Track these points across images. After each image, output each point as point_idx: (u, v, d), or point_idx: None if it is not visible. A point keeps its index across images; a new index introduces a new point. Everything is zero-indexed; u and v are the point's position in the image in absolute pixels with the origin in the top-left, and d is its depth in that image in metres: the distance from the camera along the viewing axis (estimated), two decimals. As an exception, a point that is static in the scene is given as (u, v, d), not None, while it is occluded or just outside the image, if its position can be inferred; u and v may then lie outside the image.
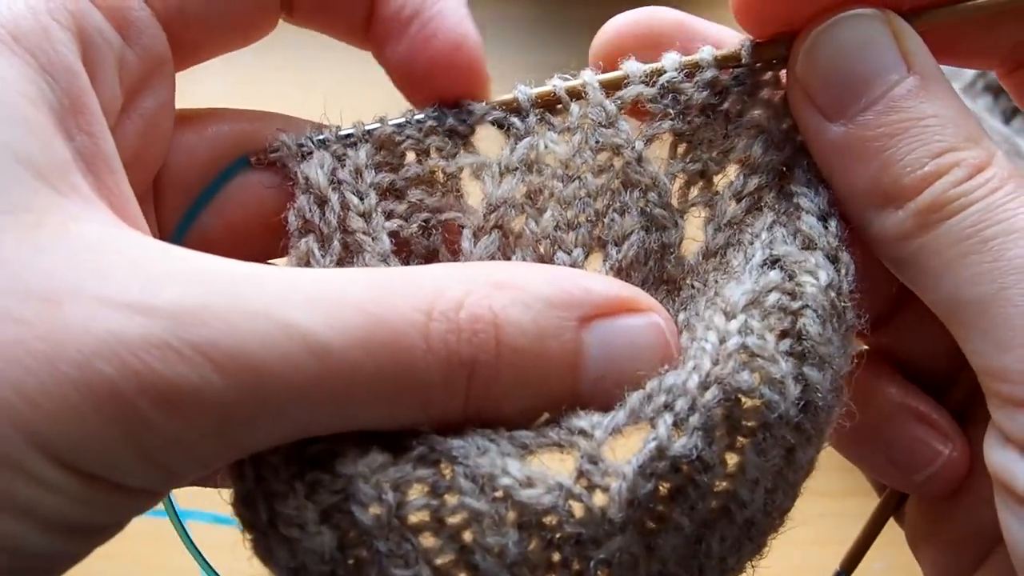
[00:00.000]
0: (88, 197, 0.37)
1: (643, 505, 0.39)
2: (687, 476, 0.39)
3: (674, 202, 0.48)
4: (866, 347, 0.55)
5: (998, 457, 0.42)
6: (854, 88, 0.43)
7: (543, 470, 0.39)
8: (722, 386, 0.39)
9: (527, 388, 0.39)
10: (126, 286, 0.34)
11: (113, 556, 0.51)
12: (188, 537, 0.51)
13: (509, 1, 1.25)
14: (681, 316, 0.46)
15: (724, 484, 0.40)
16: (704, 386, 0.39)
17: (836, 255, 0.44)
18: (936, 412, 0.51)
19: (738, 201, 0.47)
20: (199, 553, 0.51)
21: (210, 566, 0.51)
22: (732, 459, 0.40)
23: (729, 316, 0.41)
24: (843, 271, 0.44)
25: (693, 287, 0.47)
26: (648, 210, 0.48)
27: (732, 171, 0.48)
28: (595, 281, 0.41)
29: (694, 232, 0.49)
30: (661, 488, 0.39)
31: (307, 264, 0.46)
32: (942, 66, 0.45)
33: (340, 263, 0.46)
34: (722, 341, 0.41)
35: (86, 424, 0.33)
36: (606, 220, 0.48)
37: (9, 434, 0.32)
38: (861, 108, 0.43)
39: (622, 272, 0.48)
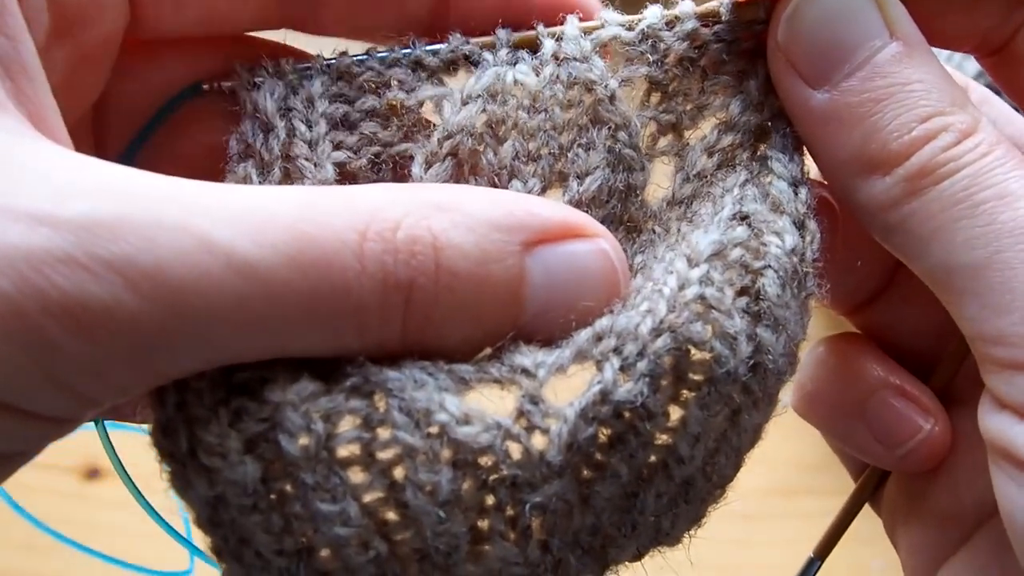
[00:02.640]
0: (0, 103, 0.36)
1: (582, 450, 0.38)
2: (629, 423, 0.38)
3: (642, 146, 0.48)
4: (855, 329, 0.56)
5: (994, 423, 0.41)
6: (838, 54, 0.43)
7: (481, 408, 0.37)
8: (674, 335, 0.38)
9: (468, 314, 0.38)
10: (32, 197, 0.32)
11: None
12: (137, 490, 0.49)
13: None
14: (638, 258, 0.45)
15: (665, 437, 0.39)
16: (656, 332, 0.38)
17: (803, 222, 0.44)
18: (918, 389, 0.51)
19: (710, 155, 0.47)
20: (150, 505, 0.49)
21: (161, 517, 0.50)
22: (675, 412, 0.39)
23: (692, 263, 0.41)
24: (808, 238, 0.43)
25: (654, 231, 0.47)
26: (616, 149, 0.47)
27: (705, 126, 0.48)
28: (541, 205, 0.40)
29: (659, 179, 0.48)
30: (601, 434, 0.38)
31: None
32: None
33: None
34: (681, 287, 0.40)
35: None
36: (570, 155, 0.47)
37: None
38: (845, 74, 0.43)
39: (581, 206, 0.47)
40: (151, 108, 0.47)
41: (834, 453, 0.56)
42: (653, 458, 0.39)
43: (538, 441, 0.38)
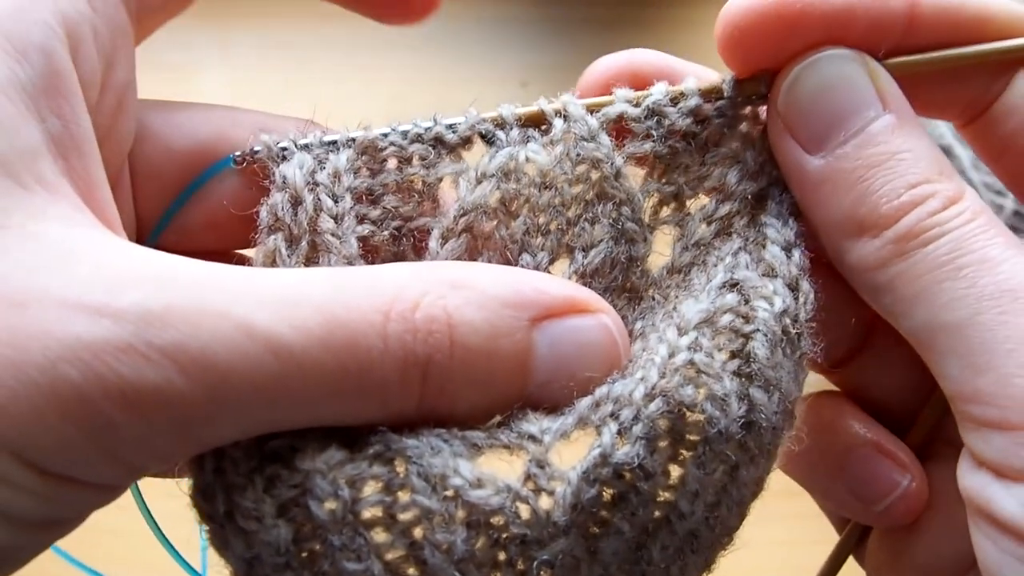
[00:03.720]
0: (54, 186, 0.39)
1: (586, 509, 0.41)
2: (629, 483, 0.41)
3: (645, 219, 0.51)
4: (834, 387, 0.58)
5: (971, 481, 0.43)
6: (834, 122, 0.46)
7: (492, 472, 0.41)
8: (666, 398, 0.42)
9: (479, 386, 0.41)
10: (90, 289, 0.36)
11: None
12: (155, 523, 0.52)
13: (509, 1, 1.27)
14: (638, 324, 0.49)
15: (666, 495, 0.43)
16: (649, 397, 0.42)
17: (796, 284, 0.46)
18: (895, 445, 0.54)
19: (708, 224, 0.50)
20: (165, 538, 0.52)
21: (175, 550, 0.53)
22: (675, 471, 0.43)
23: (682, 332, 0.44)
24: (801, 300, 0.46)
25: (653, 299, 0.50)
26: (620, 223, 0.50)
27: (705, 198, 0.51)
28: (547, 282, 0.44)
29: (661, 248, 0.51)
30: (604, 494, 0.41)
31: (272, 261, 0.48)
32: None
33: (306, 263, 0.48)
34: (671, 355, 0.43)
35: (51, 427, 0.34)
36: (576, 228, 0.50)
37: None
38: (840, 142, 0.45)
39: (586, 278, 0.50)
40: (180, 171, 0.50)
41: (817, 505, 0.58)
42: (656, 514, 0.43)
43: (545, 502, 0.41)
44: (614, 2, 1.27)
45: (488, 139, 0.50)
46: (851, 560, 0.58)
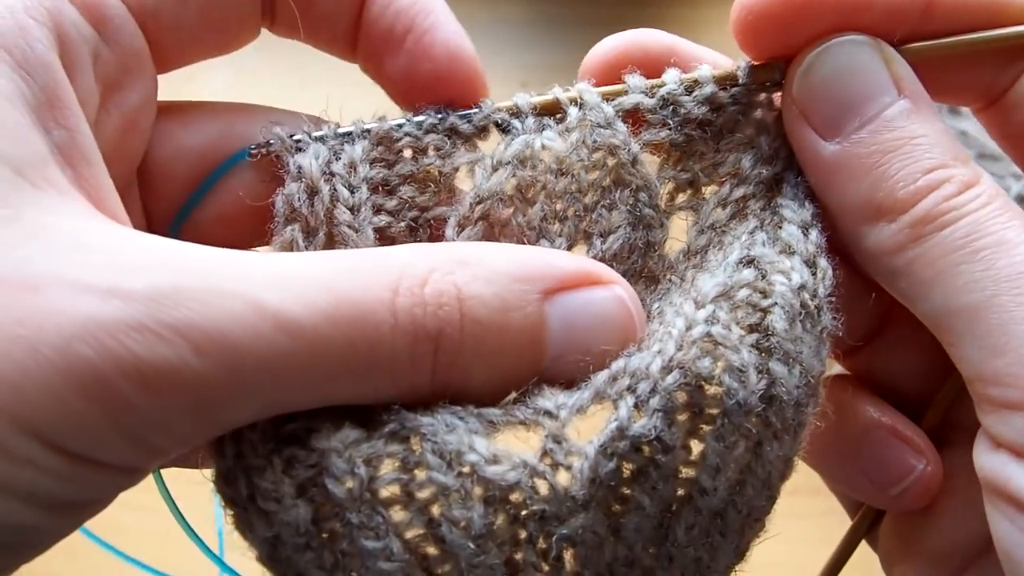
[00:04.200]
0: (64, 190, 0.39)
1: (605, 484, 0.41)
2: (648, 457, 0.42)
3: (662, 204, 0.51)
4: (846, 371, 0.58)
5: (989, 462, 0.44)
6: (849, 108, 0.46)
7: (508, 448, 0.41)
8: (683, 371, 0.42)
9: (492, 360, 0.41)
10: (102, 273, 0.36)
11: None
12: (178, 511, 0.53)
13: (509, 1, 1.27)
14: (655, 305, 0.49)
15: (687, 471, 0.43)
16: (666, 370, 0.42)
17: (814, 261, 0.47)
18: (910, 429, 0.54)
19: (724, 207, 0.50)
20: (188, 525, 0.53)
21: (198, 536, 0.53)
22: (695, 446, 0.43)
23: (699, 305, 0.44)
24: (819, 275, 0.46)
25: (671, 280, 0.50)
26: (637, 209, 0.50)
27: (720, 184, 0.51)
28: (558, 256, 0.44)
29: (677, 234, 0.52)
30: (624, 468, 0.41)
31: (290, 252, 0.48)
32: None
33: None
34: (688, 328, 0.43)
35: (69, 406, 0.35)
36: (594, 215, 0.50)
37: None
38: (856, 127, 0.46)
39: (604, 262, 0.50)
40: (189, 170, 0.51)
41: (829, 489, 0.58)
42: (678, 491, 0.43)
43: (563, 477, 0.41)
44: (614, 2, 1.28)
45: (503, 128, 0.50)
46: (863, 546, 0.58)
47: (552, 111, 0.50)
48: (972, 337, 0.43)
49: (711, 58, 0.51)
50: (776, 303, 0.44)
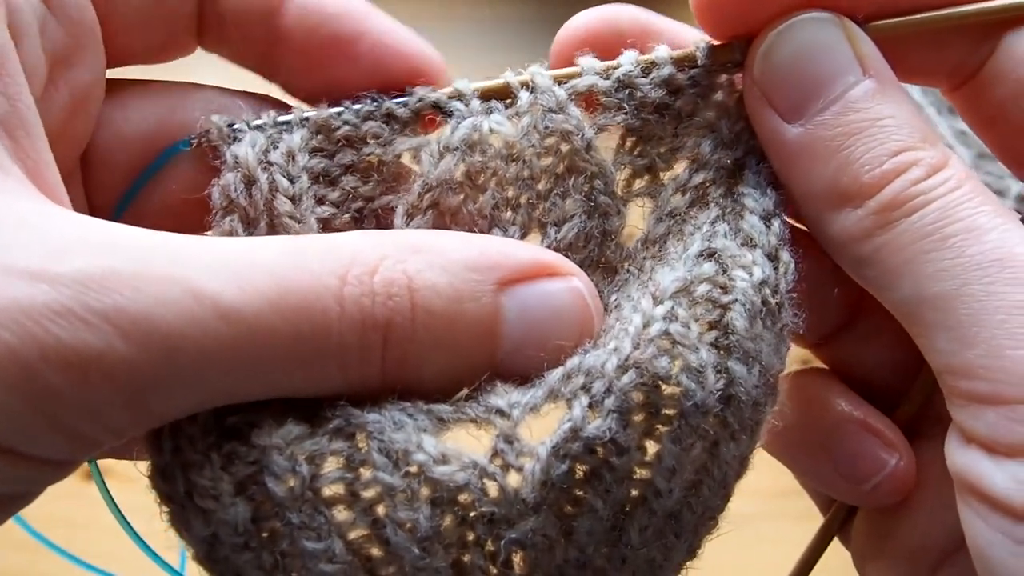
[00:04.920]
0: (1, 163, 0.38)
1: (557, 486, 0.40)
2: (602, 459, 0.40)
3: (618, 191, 0.50)
4: (819, 363, 0.57)
5: (960, 458, 0.43)
6: (812, 89, 0.45)
7: (458, 448, 0.40)
8: (639, 370, 0.41)
9: (444, 352, 0.40)
10: (29, 255, 0.35)
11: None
12: (115, 506, 0.51)
13: (509, 1, 1.26)
14: (612, 297, 0.48)
15: (642, 472, 0.42)
16: (622, 369, 0.41)
17: (776, 254, 0.45)
18: (883, 424, 0.53)
19: (683, 193, 0.49)
20: (126, 521, 0.52)
21: (136, 533, 0.52)
22: (651, 447, 0.42)
23: (657, 301, 0.43)
24: (781, 270, 0.45)
25: (628, 271, 0.49)
26: (592, 196, 0.49)
27: (678, 167, 0.50)
28: (515, 246, 0.43)
29: (635, 222, 0.50)
30: (576, 470, 0.40)
31: None
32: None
33: None
34: (646, 325, 0.42)
35: None
36: (547, 204, 0.49)
37: None
38: (819, 109, 0.44)
39: (559, 252, 0.48)
40: (129, 159, 0.49)
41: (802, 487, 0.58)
42: (632, 492, 0.42)
43: (514, 479, 0.40)
44: (615, 2, 1.27)
45: (445, 112, 0.48)
46: (835, 543, 0.57)
47: (502, 96, 0.48)
48: (942, 328, 0.42)
49: (680, 34, 0.50)
50: (737, 300, 0.43)
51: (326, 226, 0.48)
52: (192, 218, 0.48)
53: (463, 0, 1.14)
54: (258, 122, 0.48)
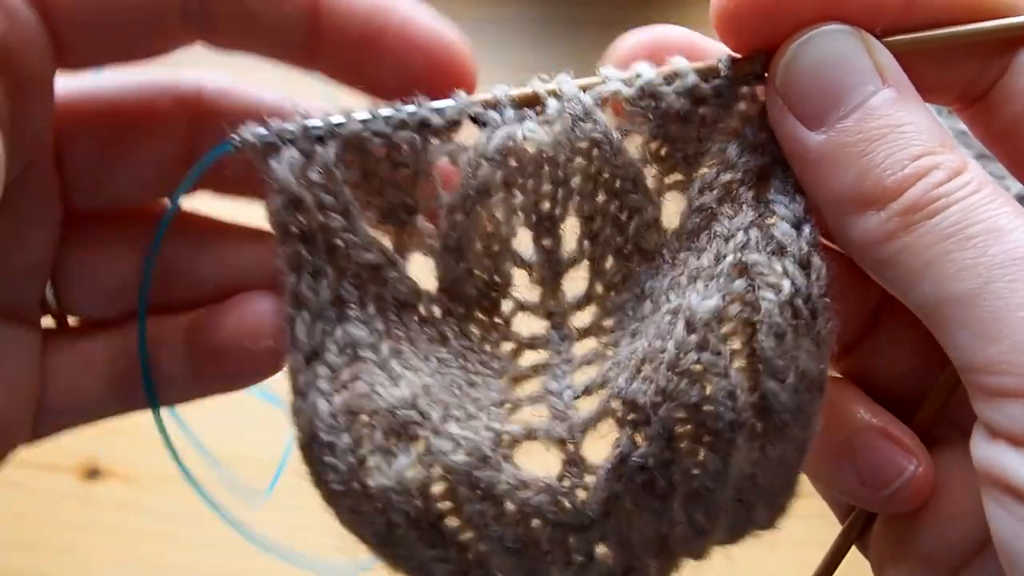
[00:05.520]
0: None
1: (619, 499, 0.46)
2: (652, 473, 0.45)
3: (650, 185, 0.52)
4: (836, 373, 0.58)
5: (985, 452, 0.43)
6: (833, 98, 0.46)
7: (532, 474, 0.47)
8: (675, 402, 0.44)
9: None
10: None
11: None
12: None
13: (509, 1, 1.27)
14: (648, 284, 0.50)
15: (694, 471, 0.45)
16: (658, 402, 0.44)
17: (807, 260, 0.47)
18: (901, 430, 0.54)
19: (711, 190, 0.50)
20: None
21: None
22: (699, 454, 0.45)
23: (690, 329, 0.45)
24: (814, 276, 0.46)
25: (665, 260, 0.51)
26: (622, 195, 0.51)
27: (706, 169, 0.51)
28: None
29: (668, 216, 0.52)
30: (633, 484, 0.45)
31: (298, 266, 0.48)
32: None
33: (328, 259, 0.48)
34: (679, 354, 0.45)
35: None
36: (580, 199, 0.51)
37: None
38: (840, 116, 0.46)
39: (596, 245, 0.52)
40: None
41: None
42: (689, 487, 0.46)
43: (581, 494, 0.47)
44: (615, 2, 1.28)
45: (479, 121, 0.49)
46: (854, 551, 0.58)
47: (531, 103, 0.49)
48: (965, 325, 0.43)
49: (724, 55, 0.50)
50: (764, 321, 0.45)
51: (375, 229, 0.50)
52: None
53: (464, 0, 1.15)
54: (289, 131, 0.48)
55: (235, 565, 0.75)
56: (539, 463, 0.49)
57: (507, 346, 0.54)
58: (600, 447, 0.48)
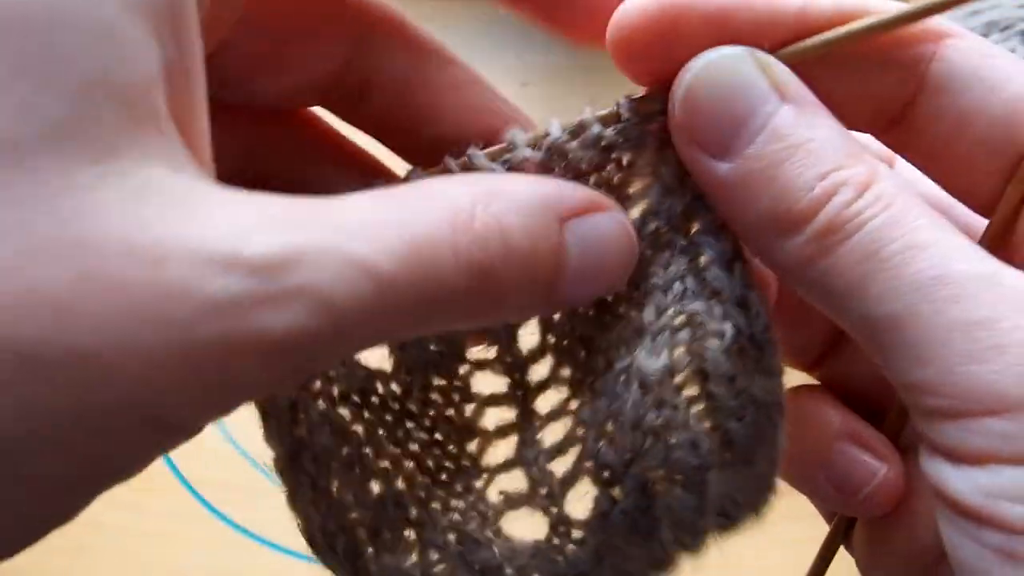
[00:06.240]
0: (162, 120, 0.37)
1: (609, 543, 0.49)
2: (634, 516, 0.48)
3: None
4: (814, 380, 0.60)
5: (928, 467, 0.44)
6: (734, 124, 0.45)
7: (521, 541, 0.51)
8: (640, 463, 0.46)
9: (527, 290, 0.41)
10: (219, 240, 0.34)
11: None
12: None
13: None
14: (596, 336, 0.52)
15: (673, 508, 0.48)
16: (626, 462, 0.47)
17: (744, 300, 0.47)
18: (872, 435, 0.55)
19: (641, 240, 0.49)
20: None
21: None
22: (674, 493, 0.47)
23: (644, 389, 0.46)
24: (752, 313, 0.47)
25: (607, 311, 0.52)
26: None
27: (633, 212, 0.51)
28: (569, 186, 0.44)
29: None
30: (620, 528, 0.48)
31: None
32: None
33: None
34: (638, 416, 0.46)
35: (187, 390, 0.34)
36: None
37: (125, 406, 0.33)
38: (744, 143, 0.45)
39: None
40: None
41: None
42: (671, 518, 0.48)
43: (571, 549, 0.50)
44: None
45: None
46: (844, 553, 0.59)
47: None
48: (892, 348, 0.43)
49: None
50: (711, 370, 0.46)
51: None
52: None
53: (464, 0, 1.15)
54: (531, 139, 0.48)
55: (236, 565, 0.77)
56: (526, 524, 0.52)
57: (470, 408, 0.55)
58: (581, 497, 0.51)
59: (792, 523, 0.54)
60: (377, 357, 0.52)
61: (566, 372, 0.53)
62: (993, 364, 0.40)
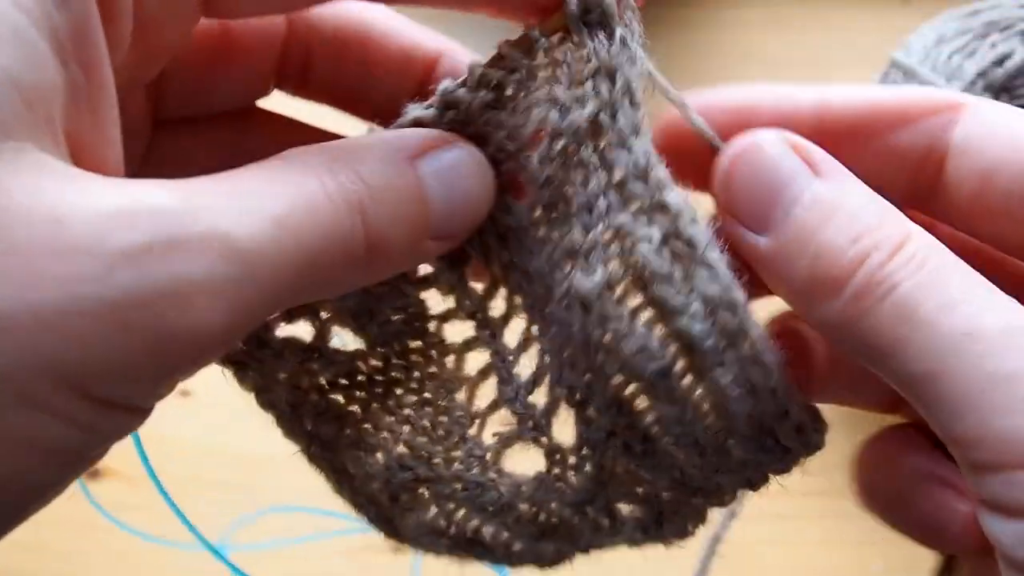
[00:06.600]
0: (57, 131, 0.37)
1: (606, 468, 0.51)
2: (621, 435, 0.50)
3: None
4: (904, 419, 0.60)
5: (983, 521, 0.45)
6: (770, 200, 0.49)
7: (524, 476, 0.55)
8: (604, 373, 0.48)
9: (401, 224, 0.46)
10: (119, 197, 0.36)
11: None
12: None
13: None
14: (530, 263, 0.52)
15: (660, 423, 0.49)
16: (587, 383, 0.49)
17: (663, 202, 0.47)
18: (957, 475, 0.55)
19: (550, 162, 0.49)
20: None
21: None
22: (651, 407, 0.49)
23: (586, 308, 0.47)
24: (674, 211, 0.47)
25: (530, 235, 0.52)
26: None
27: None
28: (413, 131, 0.49)
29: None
30: (613, 449, 0.50)
31: None
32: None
33: None
34: (587, 334, 0.47)
35: (111, 346, 0.33)
36: None
37: (32, 367, 0.32)
38: (780, 215, 0.48)
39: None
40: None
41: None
42: (655, 432, 0.49)
43: (571, 475, 0.53)
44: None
45: None
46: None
47: None
48: (934, 404, 0.44)
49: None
50: (647, 275, 0.46)
51: None
52: None
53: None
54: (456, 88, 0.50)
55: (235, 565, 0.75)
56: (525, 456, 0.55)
57: (450, 360, 0.57)
58: (568, 425, 0.52)
59: (813, 523, 0.55)
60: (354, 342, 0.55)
61: (519, 301, 0.53)
62: None
